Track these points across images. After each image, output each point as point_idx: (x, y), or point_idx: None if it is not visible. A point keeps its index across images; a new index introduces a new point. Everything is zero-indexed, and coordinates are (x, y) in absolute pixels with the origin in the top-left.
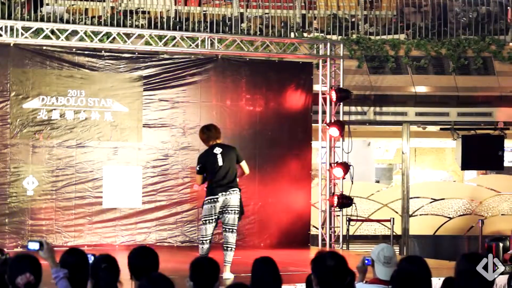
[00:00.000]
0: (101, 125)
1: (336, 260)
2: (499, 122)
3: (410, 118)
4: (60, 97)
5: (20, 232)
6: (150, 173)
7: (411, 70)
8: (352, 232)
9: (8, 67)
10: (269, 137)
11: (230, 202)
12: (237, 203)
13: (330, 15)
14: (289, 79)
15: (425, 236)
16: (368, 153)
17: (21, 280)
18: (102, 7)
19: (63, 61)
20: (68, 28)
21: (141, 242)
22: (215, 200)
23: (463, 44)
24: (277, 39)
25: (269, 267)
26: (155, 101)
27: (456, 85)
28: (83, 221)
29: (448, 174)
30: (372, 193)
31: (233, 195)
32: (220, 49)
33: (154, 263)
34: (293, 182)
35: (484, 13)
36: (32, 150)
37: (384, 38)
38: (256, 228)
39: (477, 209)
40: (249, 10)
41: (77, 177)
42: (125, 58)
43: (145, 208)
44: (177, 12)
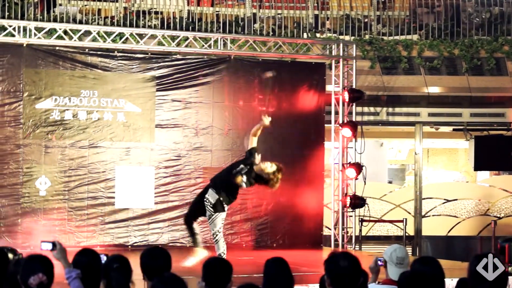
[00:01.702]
0: (114, 125)
1: (349, 260)
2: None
3: (422, 119)
4: (73, 98)
5: (33, 232)
6: (162, 174)
7: (424, 70)
8: (364, 233)
9: (21, 67)
10: (282, 138)
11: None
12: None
13: (343, 15)
14: (302, 79)
15: (437, 237)
16: (381, 153)
17: (34, 280)
18: (115, 7)
19: (76, 61)
20: (81, 29)
21: (153, 243)
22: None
23: (476, 45)
24: (290, 39)
25: (281, 267)
26: (168, 102)
27: (469, 86)
28: (95, 221)
29: (461, 175)
30: (385, 193)
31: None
32: (233, 49)
33: (166, 263)
34: (306, 182)
35: (497, 14)
36: (44, 150)
37: (397, 39)
38: (269, 228)
39: (490, 210)
40: (262, 11)
41: (89, 177)
42: (138, 58)
43: (157, 208)
44: (190, 13)
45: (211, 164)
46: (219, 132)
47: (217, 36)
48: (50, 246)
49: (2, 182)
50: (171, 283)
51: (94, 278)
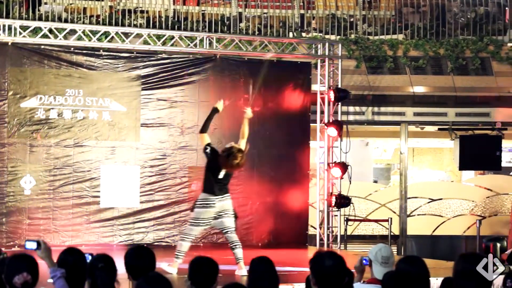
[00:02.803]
0: (99, 124)
1: (334, 260)
2: (497, 123)
3: (408, 118)
4: (58, 96)
5: (18, 232)
6: (147, 173)
7: (409, 70)
8: (350, 232)
9: (6, 66)
10: (267, 137)
11: (225, 206)
12: (231, 207)
13: (329, 15)
14: (288, 79)
15: (423, 236)
16: (366, 153)
17: (19, 279)
18: (100, 6)
19: (61, 60)
20: (66, 27)
21: (139, 242)
22: (211, 205)
23: (461, 45)
24: (276, 39)
25: (267, 266)
26: (153, 101)
27: (454, 85)
28: (80, 220)
29: (446, 174)
30: (370, 193)
31: (227, 200)
32: (219, 48)
33: (151, 263)
34: (291, 182)
35: (482, 14)
36: (29, 149)
37: (382, 38)
38: (254, 227)
39: (474, 209)
40: (247, 10)
41: (74, 176)
42: (123, 57)
43: (142, 207)
44: (176, 12)
45: (196, 163)
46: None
47: (202, 35)
48: (35, 245)
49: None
50: (156, 283)
51: (79, 278)
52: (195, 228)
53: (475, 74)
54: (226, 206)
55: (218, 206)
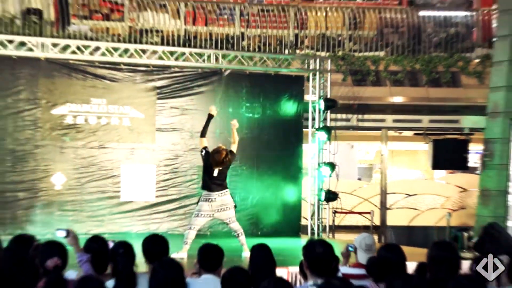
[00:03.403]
0: (120, 129)
1: (323, 247)
2: (465, 128)
3: (388, 124)
4: (84, 105)
5: (49, 222)
6: (162, 171)
7: (389, 82)
8: (337, 223)
9: (39, 78)
10: (266, 140)
11: (225, 201)
12: (231, 201)
13: (319, 34)
14: (284, 90)
15: (400, 227)
16: (352, 154)
17: (50, 263)
18: (121, 26)
19: (87, 73)
20: (92, 45)
21: (154, 231)
22: (212, 200)
23: (435, 61)
24: (273, 55)
25: (265, 252)
26: (167, 109)
27: (428, 96)
28: (104, 212)
29: (421, 173)
30: (355, 189)
31: (227, 195)
32: (224, 63)
33: (165, 249)
34: (287, 179)
35: (452, 34)
36: (60, 150)
37: (366, 55)
38: (254, 218)
39: (445, 204)
40: (249, 30)
41: (98, 174)
42: (141, 71)
43: (158, 201)
44: (186, 31)
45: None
46: (211, 135)
47: (210, 52)
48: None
49: (23, 178)
50: (169, 266)
51: (103, 262)
52: (199, 218)
53: (446, 86)
54: (225, 200)
55: (218, 201)
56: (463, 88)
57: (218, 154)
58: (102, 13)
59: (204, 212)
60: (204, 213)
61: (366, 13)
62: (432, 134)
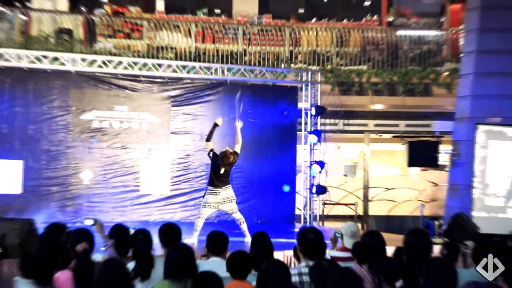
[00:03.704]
0: (140, 132)
1: (315, 233)
2: (436, 132)
3: (369, 128)
4: (108, 111)
5: (79, 212)
6: (176, 168)
7: (371, 92)
8: (326, 213)
9: (70, 88)
10: (265, 142)
11: (228, 194)
12: (233, 194)
13: (311, 51)
14: (280, 98)
15: (380, 216)
16: (338, 154)
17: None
18: (140, 43)
19: (111, 84)
20: (115, 60)
21: (169, 219)
22: (217, 193)
23: (410, 73)
24: (271, 68)
25: (264, 238)
26: (180, 114)
27: (405, 104)
28: (125, 203)
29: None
30: (341, 184)
31: (229, 190)
32: (229, 76)
33: (178, 235)
34: (283, 175)
35: (425, 50)
36: (88, 150)
37: (351, 68)
38: (255, 208)
39: (419, 196)
40: (250, 47)
41: (121, 171)
42: (158, 82)
43: (172, 194)
44: (196, 48)
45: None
46: (218, 138)
47: (216, 66)
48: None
49: (56, 174)
50: (182, 250)
51: (125, 246)
52: (205, 209)
53: (420, 95)
54: (228, 194)
55: (222, 194)
56: (434, 97)
57: (226, 158)
58: (124, 33)
59: (210, 204)
60: (210, 204)
61: (351, 33)
62: (407, 137)
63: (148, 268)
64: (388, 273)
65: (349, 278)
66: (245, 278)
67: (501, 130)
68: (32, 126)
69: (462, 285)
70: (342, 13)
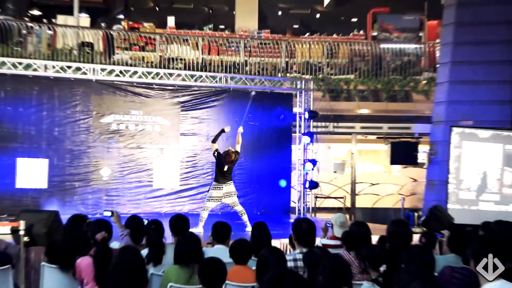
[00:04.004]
0: (153, 133)
1: (308, 224)
2: (415, 133)
3: (356, 130)
4: (125, 115)
5: (98, 204)
6: (184, 165)
7: (358, 98)
8: (318, 205)
9: (91, 95)
10: (264, 142)
11: (230, 189)
12: (234, 189)
13: (304, 61)
14: (277, 104)
15: (366, 208)
16: (329, 153)
17: (99, 236)
18: (153, 55)
19: (128, 91)
20: (131, 69)
21: (178, 211)
22: (220, 188)
23: (392, 82)
24: (269, 77)
25: (263, 228)
26: (188, 118)
27: (387, 109)
28: (140, 197)
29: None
30: (331, 179)
31: (231, 185)
32: (231, 84)
33: (186, 225)
34: (279, 171)
35: (406, 61)
36: (106, 150)
37: (339, 77)
38: (254, 201)
39: (400, 191)
40: (250, 58)
41: (136, 168)
42: (169, 89)
43: (181, 188)
44: (203, 59)
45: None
46: (222, 138)
47: (221, 75)
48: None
49: (79, 170)
50: (189, 238)
51: (139, 235)
52: (209, 202)
53: (401, 101)
54: (230, 189)
55: (225, 189)
56: (414, 102)
57: (228, 156)
58: (139, 46)
59: (213, 198)
60: (213, 198)
61: (339, 46)
62: (390, 138)
63: (160, 254)
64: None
65: (338, 264)
66: (246, 263)
67: (473, 132)
68: (57, 128)
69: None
70: (332, 28)
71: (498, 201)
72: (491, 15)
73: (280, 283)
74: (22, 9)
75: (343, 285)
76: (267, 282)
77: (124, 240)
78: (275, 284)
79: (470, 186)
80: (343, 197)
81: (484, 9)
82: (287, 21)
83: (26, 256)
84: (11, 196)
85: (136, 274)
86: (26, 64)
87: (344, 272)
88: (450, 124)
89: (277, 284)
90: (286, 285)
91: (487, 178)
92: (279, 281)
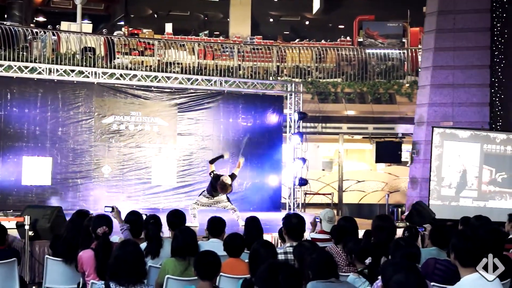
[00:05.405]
0: (151, 133)
1: (298, 218)
2: (399, 133)
3: (343, 130)
4: (125, 116)
5: (100, 200)
6: (181, 164)
7: (344, 100)
8: (307, 201)
9: (93, 97)
10: (256, 142)
11: (220, 199)
12: (225, 197)
13: (295, 66)
14: (269, 105)
15: (353, 204)
16: (317, 152)
17: (100, 230)
18: (152, 60)
19: (128, 93)
20: (131, 73)
21: (175, 207)
22: (209, 197)
23: (377, 85)
24: (261, 80)
25: (255, 223)
26: (185, 119)
27: (373, 110)
28: (139, 193)
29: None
30: (320, 177)
31: (223, 196)
32: (226, 87)
33: (183, 220)
34: (271, 169)
35: (390, 66)
36: (107, 149)
37: (327, 81)
38: (247, 198)
39: (384, 187)
40: (244, 63)
41: (135, 166)
42: (167, 92)
43: (178, 185)
44: (199, 63)
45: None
46: (217, 138)
47: (216, 78)
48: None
49: (81, 168)
50: (185, 232)
51: (138, 229)
52: (197, 206)
53: (385, 103)
54: (220, 198)
55: (216, 198)
56: (397, 104)
57: (225, 189)
58: (138, 51)
59: (202, 203)
60: (202, 203)
61: (327, 51)
62: (375, 138)
63: (157, 247)
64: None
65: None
66: (239, 256)
67: (453, 132)
68: (60, 128)
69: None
70: (320, 34)
71: (476, 197)
72: (469, 23)
73: (275, 274)
74: (28, 16)
75: (331, 276)
76: (263, 273)
77: (124, 234)
78: (271, 275)
79: (451, 183)
80: (331, 193)
81: (463, 17)
82: (278, 28)
83: (30, 249)
84: (17, 192)
85: (136, 266)
86: (31, 67)
87: (330, 263)
88: (432, 125)
89: (272, 275)
90: (281, 276)
91: (467, 175)
92: (275, 272)
